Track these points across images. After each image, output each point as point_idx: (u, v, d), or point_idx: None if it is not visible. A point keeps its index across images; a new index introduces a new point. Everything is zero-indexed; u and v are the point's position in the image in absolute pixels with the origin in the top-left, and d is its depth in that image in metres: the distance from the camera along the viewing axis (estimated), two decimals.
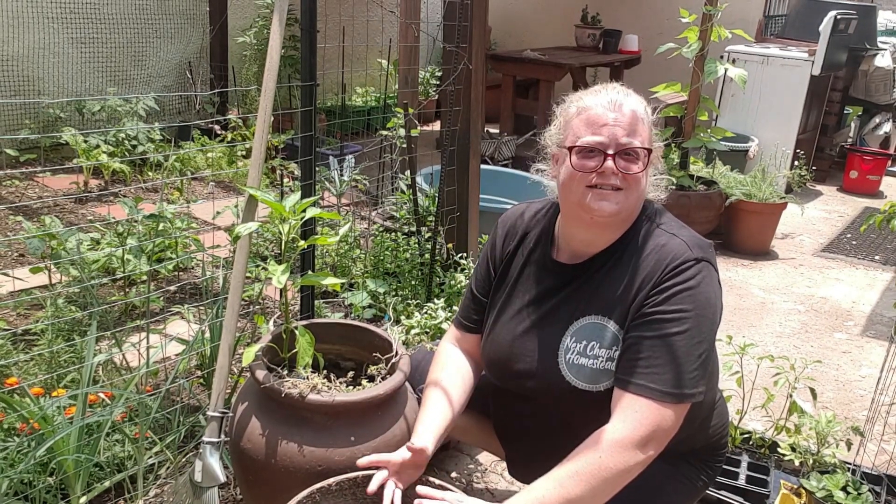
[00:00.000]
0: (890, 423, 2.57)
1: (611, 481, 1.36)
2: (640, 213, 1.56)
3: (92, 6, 4.94)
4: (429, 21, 5.37)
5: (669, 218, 1.58)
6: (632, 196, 1.49)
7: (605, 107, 1.48)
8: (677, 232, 1.52)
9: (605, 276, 1.53)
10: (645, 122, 1.51)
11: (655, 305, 1.44)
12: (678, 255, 1.46)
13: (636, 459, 1.37)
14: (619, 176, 1.46)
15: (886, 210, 2.21)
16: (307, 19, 1.99)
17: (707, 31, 4.15)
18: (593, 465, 1.35)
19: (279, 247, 2.98)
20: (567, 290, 1.57)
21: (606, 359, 1.49)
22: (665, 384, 1.39)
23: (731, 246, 4.62)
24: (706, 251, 1.49)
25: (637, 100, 1.52)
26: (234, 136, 4.85)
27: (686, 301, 1.42)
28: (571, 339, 1.53)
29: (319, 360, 1.70)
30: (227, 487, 2.06)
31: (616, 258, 1.53)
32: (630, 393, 1.41)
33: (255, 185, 1.75)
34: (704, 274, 1.45)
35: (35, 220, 3.56)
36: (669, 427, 1.40)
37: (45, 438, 1.76)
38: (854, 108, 6.86)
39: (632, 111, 1.49)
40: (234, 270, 1.74)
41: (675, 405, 1.39)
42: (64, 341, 2.43)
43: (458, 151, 2.87)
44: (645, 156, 1.48)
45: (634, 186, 1.49)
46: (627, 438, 1.37)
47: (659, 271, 1.45)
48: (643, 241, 1.52)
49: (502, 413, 1.79)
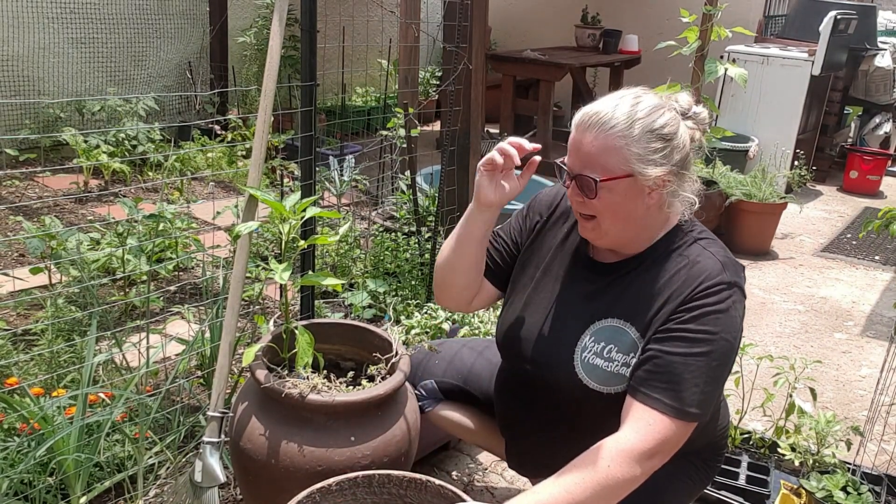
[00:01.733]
0: (890, 423, 2.57)
1: (615, 490, 1.36)
2: (676, 226, 1.53)
3: (92, 6, 4.95)
4: (429, 21, 5.36)
5: (706, 234, 1.54)
6: (609, 224, 1.46)
7: (576, 128, 1.45)
8: (714, 250, 1.49)
9: (632, 282, 1.51)
10: (622, 147, 1.39)
11: (682, 322, 1.41)
12: (712, 275, 1.43)
13: (640, 471, 1.36)
14: (586, 203, 1.45)
15: (884, 215, 2.21)
16: (307, 19, 1.99)
17: (707, 30, 4.15)
18: (600, 472, 1.35)
19: (279, 247, 2.98)
20: (593, 288, 1.56)
21: (622, 364, 1.48)
22: (680, 401, 1.38)
23: (731, 246, 4.57)
24: (739, 275, 1.47)
25: (619, 120, 1.40)
26: (234, 136, 4.85)
27: (713, 323, 1.40)
28: (590, 339, 1.52)
29: (319, 360, 1.70)
30: (227, 487, 2.06)
31: (647, 265, 1.51)
32: (642, 404, 1.40)
33: (255, 185, 1.75)
34: (735, 299, 1.43)
35: (35, 220, 3.56)
36: (676, 442, 1.40)
37: (45, 438, 1.76)
38: (854, 108, 6.86)
39: (596, 139, 1.40)
40: (234, 270, 1.74)
41: (684, 423, 1.39)
42: (64, 341, 2.43)
43: (458, 151, 2.87)
44: (610, 184, 1.41)
45: (607, 214, 1.45)
46: (636, 449, 1.36)
47: (689, 288, 1.43)
48: (676, 253, 1.49)
49: (506, 403, 1.78)
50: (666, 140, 1.42)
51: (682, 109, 1.48)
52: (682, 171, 1.46)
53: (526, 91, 6.91)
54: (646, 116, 1.41)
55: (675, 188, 1.46)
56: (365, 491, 1.49)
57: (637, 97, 1.44)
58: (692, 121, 1.48)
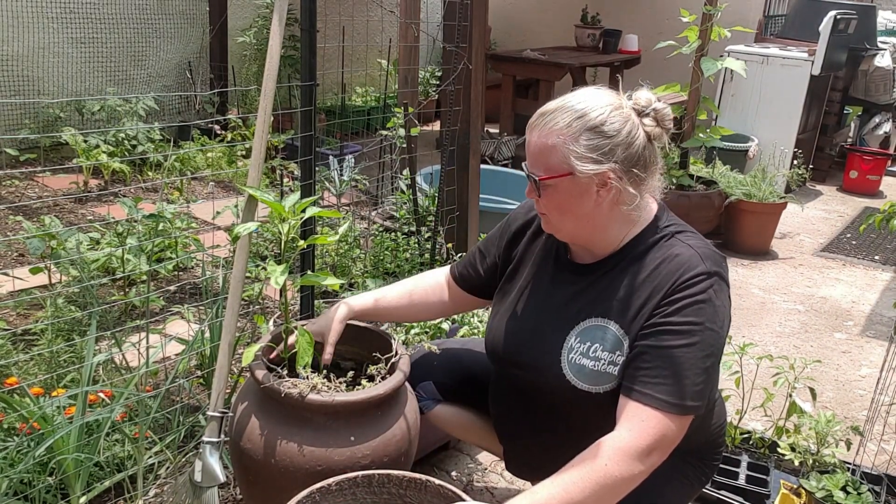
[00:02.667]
0: (890, 423, 2.58)
1: (614, 489, 1.36)
2: (653, 220, 1.53)
3: (92, 6, 4.95)
4: (429, 21, 5.37)
5: (684, 227, 1.55)
6: (557, 220, 1.51)
7: (528, 126, 1.48)
8: (691, 243, 1.49)
9: (613, 280, 1.52)
10: (559, 146, 1.41)
11: (665, 317, 1.42)
12: (691, 267, 1.44)
13: (640, 468, 1.36)
14: (539, 202, 1.50)
15: (886, 210, 2.21)
16: (307, 19, 1.99)
17: (707, 30, 4.16)
18: (598, 471, 1.35)
19: (279, 247, 2.98)
20: (575, 289, 1.57)
21: (608, 362, 1.48)
22: (672, 395, 1.38)
23: (730, 246, 4.62)
24: (719, 264, 1.47)
25: (560, 120, 1.41)
26: (233, 135, 4.85)
27: (696, 314, 1.41)
28: (576, 340, 1.53)
29: (319, 360, 1.70)
30: (227, 487, 2.06)
31: (625, 264, 1.51)
32: (636, 402, 1.40)
33: (255, 185, 1.75)
34: (716, 288, 1.43)
35: (35, 219, 3.56)
36: (673, 437, 1.40)
37: (45, 438, 1.76)
38: (854, 108, 6.86)
39: (538, 138, 1.44)
40: (234, 270, 1.74)
41: (679, 416, 1.39)
42: (64, 341, 2.44)
43: (457, 151, 2.87)
44: (552, 182, 1.44)
45: (554, 211, 1.49)
46: (633, 447, 1.36)
47: (670, 283, 1.44)
48: (654, 250, 1.50)
49: (501, 409, 1.79)
50: (607, 137, 1.40)
51: (639, 107, 1.46)
52: (633, 168, 1.44)
53: (526, 91, 6.91)
54: (587, 114, 1.40)
55: (626, 186, 1.44)
56: (365, 491, 1.49)
57: (586, 95, 1.44)
58: (650, 118, 1.46)
